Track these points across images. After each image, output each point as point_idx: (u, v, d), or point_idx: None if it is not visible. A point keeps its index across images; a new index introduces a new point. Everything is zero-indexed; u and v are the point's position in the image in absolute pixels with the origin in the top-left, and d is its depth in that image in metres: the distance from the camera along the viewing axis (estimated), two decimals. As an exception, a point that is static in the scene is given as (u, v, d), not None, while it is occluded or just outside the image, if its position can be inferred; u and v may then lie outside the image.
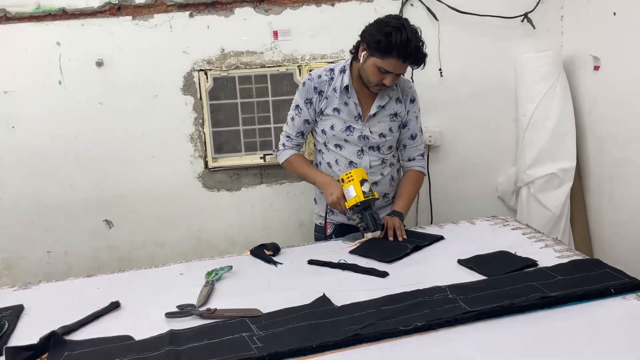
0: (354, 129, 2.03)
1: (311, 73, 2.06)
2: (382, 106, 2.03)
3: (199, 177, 2.70)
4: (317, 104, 2.03)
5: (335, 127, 2.03)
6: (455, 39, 2.68)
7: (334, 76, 2.02)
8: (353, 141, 2.04)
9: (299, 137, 2.12)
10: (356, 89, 2.02)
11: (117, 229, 2.70)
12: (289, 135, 2.12)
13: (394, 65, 1.85)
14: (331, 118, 2.03)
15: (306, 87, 2.03)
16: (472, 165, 2.84)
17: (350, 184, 1.93)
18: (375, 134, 2.04)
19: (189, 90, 2.59)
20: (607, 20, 2.39)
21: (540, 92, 2.61)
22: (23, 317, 1.54)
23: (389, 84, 1.90)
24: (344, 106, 2.02)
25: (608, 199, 2.55)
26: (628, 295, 1.41)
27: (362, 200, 1.91)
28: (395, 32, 1.79)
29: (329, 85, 2.02)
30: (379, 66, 1.86)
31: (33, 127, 2.53)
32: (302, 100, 2.05)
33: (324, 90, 2.02)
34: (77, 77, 2.51)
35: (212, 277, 1.67)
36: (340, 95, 2.01)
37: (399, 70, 1.88)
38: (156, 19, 2.51)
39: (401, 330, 1.29)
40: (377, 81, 1.90)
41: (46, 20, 2.45)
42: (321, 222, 2.20)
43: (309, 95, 2.03)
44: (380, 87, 1.94)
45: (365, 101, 2.03)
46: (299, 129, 2.09)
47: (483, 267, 1.63)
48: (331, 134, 2.04)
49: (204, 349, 1.27)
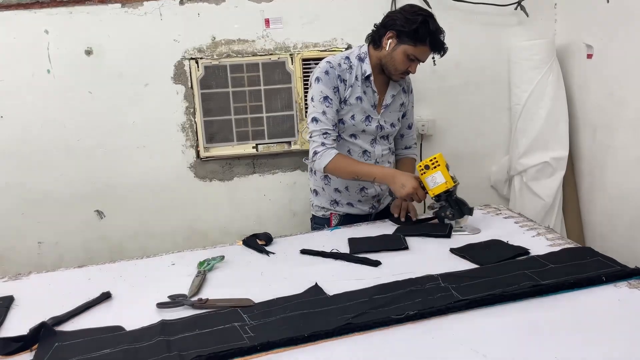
0: (372, 119, 2.03)
1: (329, 61, 1.98)
2: (394, 95, 2.06)
3: (191, 166, 2.68)
4: (342, 93, 1.98)
5: (355, 117, 2.01)
6: (448, 27, 2.61)
7: (352, 64, 2.00)
8: (370, 131, 2.04)
9: (335, 131, 2.00)
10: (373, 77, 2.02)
11: (109, 220, 2.69)
12: (327, 132, 1.95)
13: (425, 53, 1.92)
14: (353, 108, 2.00)
15: (330, 75, 1.95)
16: (465, 154, 2.84)
17: (437, 170, 1.85)
18: (388, 123, 2.07)
19: (180, 79, 2.57)
20: (601, 8, 2.38)
21: (533, 80, 2.60)
22: (13, 308, 1.53)
23: (414, 71, 1.97)
24: (364, 95, 2.01)
25: (600, 188, 2.56)
26: (619, 283, 1.41)
27: (453, 185, 1.85)
28: (431, 21, 1.89)
29: (350, 74, 1.99)
30: (410, 53, 1.91)
31: (22, 116, 2.50)
32: (330, 90, 1.95)
33: (346, 79, 1.98)
34: (66, 65, 2.48)
35: (204, 267, 1.66)
36: (362, 83, 2.00)
37: (425, 58, 1.96)
38: (146, 7, 2.47)
39: (393, 319, 1.29)
40: (405, 69, 1.95)
41: (34, 8, 2.41)
42: (323, 213, 2.19)
43: (335, 84, 1.96)
44: (403, 75, 1.99)
45: (381, 90, 2.05)
46: (334, 120, 1.97)
47: (475, 256, 1.63)
48: (350, 124, 2.01)
49: (195, 339, 1.26)
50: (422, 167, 1.88)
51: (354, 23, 2.58)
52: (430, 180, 1.87)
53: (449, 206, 1.88)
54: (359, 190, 2.11)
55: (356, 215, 2.15)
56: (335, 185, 2.12)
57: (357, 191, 2.11)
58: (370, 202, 2.16)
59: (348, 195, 2.13)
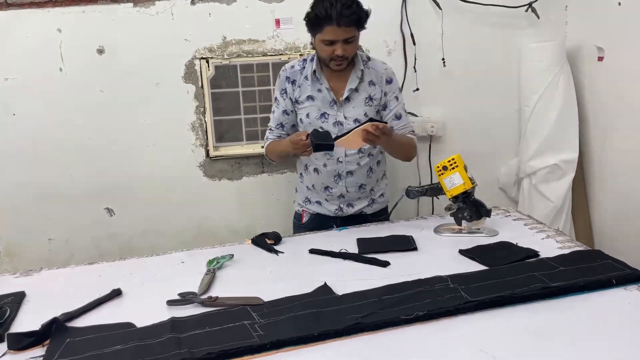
0: (328, 116, 2.03)
1: (285, 65, 2.10)
2: (354, 89, 2.03)
3: (200, 165, 2.69)
4: (292, 94, 2.06)
5: (310, 115, 2.04)
6: (458, 28, 2.66)
7: (305, 65, 2.06)
8: (329, 128, 2.03)
9: (279, 129, 2.12)
10: (326, 75, 2.03)
11: (118, 217, 2.70)
12: (270, 128, 2.14)
13: (332, 33, 1.86)
14: (306, 106, 2.05)
15: (280, 78, 2.08)
16: (474, 155, 2.80)
17: (455, 171, 1.82)
18: (350, 119, 2.04)
19: (191, 78, 2.58)
20: (612, 10, 2.37)
21: (543, 82, 2.59)
22: (25, 303, 1.54)
23: (341, 52, 1.89)
24: (317, 93, 2.03)
25: (610, 191, 2.54)
26: (629, 286, 1.40)
27: (471, 187, 1.83)
28: (319, 2, 1.85)
29: (301, 74, 2.05)
30: (322, 39, 1.89)
31: (34, 114, 2.53)
32: (279, 92, 2.09)
33: (296, 80, 2.06)
34: (78, 64, 2.50)
35: (214, 266, 1.67)
36: (313, 82, 2.03)
37: (342, 36, 1.86)
38: (157, 6, 2.49)
39: (402, 319, 1.29)
40: (329, 55, 1.92)
41: (47, 7, 2.44)
42: (297, 209, 2.23)
43: (283, 86, 2.07)
44: (337, 61, 1.93)
45: (340, 86, 2.04)
46: (279, 120, 2.11)
47: (484, 258, 1.63)
48: (307, 122, 2.05)
49: (205, 336, 1.27)
50: (440, 168, 1.86)
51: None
52: (448, 182, 1.85)
53: (466, 208, 1.86)
54: (323, 189, 2.12)
55: (325, 216, 2.16)
56: (306, 183, 2.16)
57: (322, 189, 2.12)
58: (336, 202, 2.14)
59: (316, 193, 2.15)
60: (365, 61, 2.06)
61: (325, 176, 2.07)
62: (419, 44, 2.63)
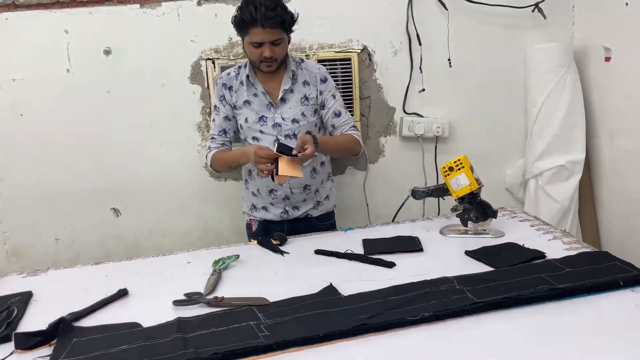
0: (267, 119, 2.06)
1: (222, 73, 2.15)
2: (289, 90, 2.06)
3: (206, 166, 2.70)
4: (230, 100, 2.09)
5: (249, 120, 2.07)
6: (464, 29, 2.65)
7: (240, 71, 2.09)
8: (268, 131, 2.06)
9: (222, 135, 2.13)
10: (261, 79, 2.06)
11: (124, 217, 2.71)
12: (213, 136, 2.15)
13: (258, 35, 1.89)
14: (244, 111, 2.08)
15: (218, 86, 2.12)
16: (480, 156, 2.80)
17: (461, 172, 1.82)
18: (288, 120, 2.06)
19: (197, 79, 2.59)
20: (619, 10, 2.36)
21: (550, 83, 2.58)
22: (32, 303, 1.56)
23: (269, 54, 1.93)
24: (253, 97, 2.06)
25: (617, 192, 2.53)
26: (637, 288, 1.40)
27: (478, 188, 1.83)
28: (244, 5, 1.88)
29: (237, 80, 2.08)
30: (250, 42, 1.92)
31: (41, 115, 2.54)
32: (217, 100, 2.12)
33: (232, 86, 2.09)
34: (85, 65, 2.51)
35: (220, 266, 1.68)
36: (248, 87, 2.06)
37: (268, 37, 1.90)
38: (164, 7, 2.50)
39: (408, 320, 1.29)
40: (258, 57, 1.95)
41: (54, 8, 2.45)
42: (246, 219, 2.25)
43: (220, 93, 2.10)
44: (266, 62, 1.96)
45: (274, 88, 2.06)
46: (221, 127, 2.13)
47: (490, 259, 1.63)
48: (247, 127, 2.08)
49: (211, 336, 1.27)
50: (446, 169, 1.86)
51: (370, 24, 2.59)
52: (454, 183, 1.84)
53: (472, 208, 1.85)
54: (268, 193, 2.13)
55: (272, 221, 2.16)
56: (251, 188, 2.18)
57: (267, 193, 2.13)
58: (281, 205, 2.14)
59: (262, 198, 2.15)
60: (298, 62, 2.11)
61: (269, 179, 1.97)
62: (424, 45, 2.63)
